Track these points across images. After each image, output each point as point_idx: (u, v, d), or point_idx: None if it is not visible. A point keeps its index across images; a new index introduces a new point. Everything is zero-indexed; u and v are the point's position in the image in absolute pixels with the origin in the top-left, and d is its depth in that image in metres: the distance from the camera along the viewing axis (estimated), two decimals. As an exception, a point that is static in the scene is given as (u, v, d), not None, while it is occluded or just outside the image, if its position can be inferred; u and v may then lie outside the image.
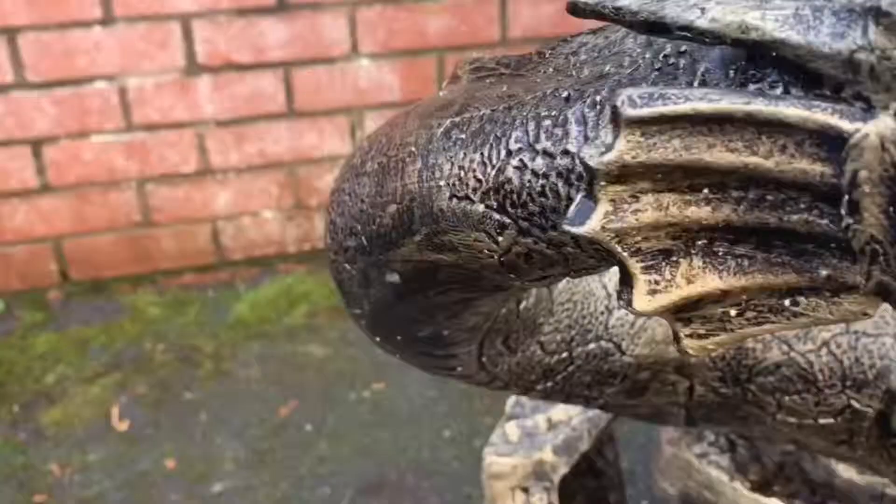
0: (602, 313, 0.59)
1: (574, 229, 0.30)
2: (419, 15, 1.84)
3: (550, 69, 0.39)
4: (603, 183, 0.29)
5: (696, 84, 0.31)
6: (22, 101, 1.70)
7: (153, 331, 1.75)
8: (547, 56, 0.40)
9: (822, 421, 0.61)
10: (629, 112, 0.28)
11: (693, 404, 0.63)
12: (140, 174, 1.82)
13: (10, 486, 1.39)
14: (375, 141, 0.48)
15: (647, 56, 0.34)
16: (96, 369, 1.64)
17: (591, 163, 0.29)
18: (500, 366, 0.59)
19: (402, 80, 1.88)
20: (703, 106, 0.28)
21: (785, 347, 0.60)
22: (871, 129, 0.26)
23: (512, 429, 0.89)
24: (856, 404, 0.60)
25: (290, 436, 1.48)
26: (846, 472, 0.81)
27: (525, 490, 0.86)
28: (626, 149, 0.28)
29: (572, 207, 0.31)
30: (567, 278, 0.48)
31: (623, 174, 0.29)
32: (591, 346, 0.60)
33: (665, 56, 0.33)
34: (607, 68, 0.35)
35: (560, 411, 0.89)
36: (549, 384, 0.62)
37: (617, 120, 0.28)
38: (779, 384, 0.60)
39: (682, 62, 0.32)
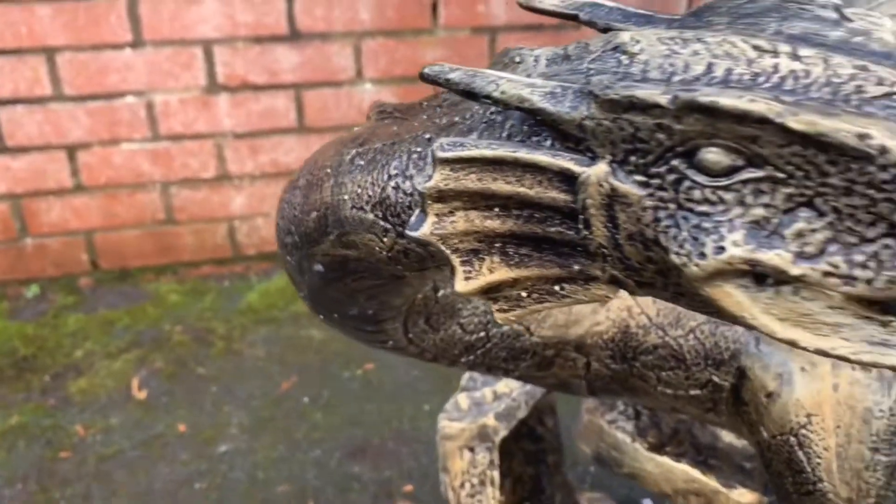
0: None
1: (411, 233, 0.41)
2: (417, 47, 1.96)
3: (425, 116, 0.50)
4: (429, 202, 0.40)
5: (504, 135, 0.41)
6: (59, 112, 1.83)
7: (172, 314, 1.87)
8: (424, 106, 0.52)
9: (691, 392, 0.71)
10: (439, 154, 0.39)
11: (591, 377, 0.73)
12: (164, 178, 1.94)
13: (39, 445, 1.50)
14: (307, 163, 0.60)
15: (480, 112, 0.44)
16: (120, 346, 1.76)
17: (419, 188, 0.41)
18: (426, 341, 0.69)
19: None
20: (487, 152, 0.39)
21: (661, 332, 0.70)
22: (592, 172, 0.37)
23: (463, 399, 0.99)
24: (716, 379, 0.70)
25: (289, 406, 1.58)
26: (727, 436, 0.90)
27: (471, 449, 0.96)
28: (439, 179, 0.39)
29: (412, 218, 0.42)
30: None
31: (441, 196, 0.40)
32: (505, 327, 0.69)
33: (490, 113, 0.43)
34: (456, 118, 0.46)
35: (504, 385, 0.99)
36: (472, 357, 0.71)
37: (434, 160, 0.39)
38: (657, 362, 0.70)
39: (498, 118, 0.42)
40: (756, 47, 0.35)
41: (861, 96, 0.33)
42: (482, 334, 0.70)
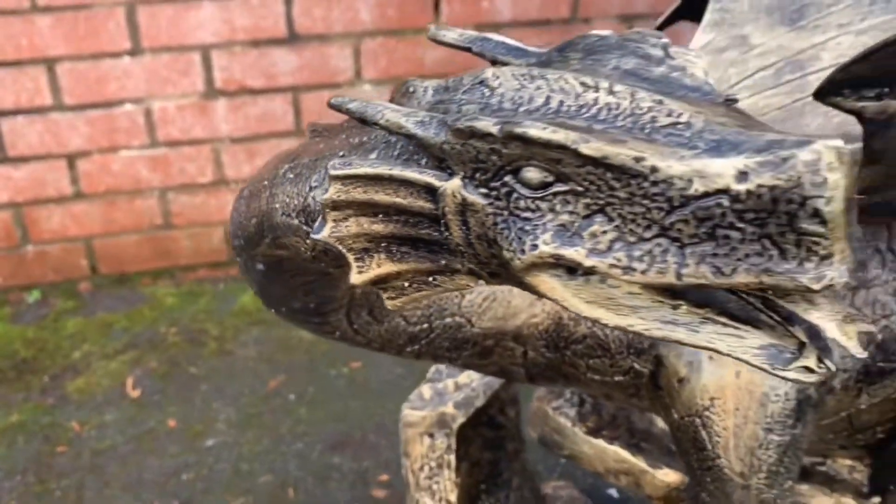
0: (456, 297, 0.75)
1: (314, 236, 0.50)
2: (417, 46, 2.00)
3: (344, 135, 0.58)
4: (327, 210, 0.49)
5: (396, 153, 0.50)
6: (59, 121, 1.89)
7: (168, 317, 1.92)
8: (345, 127, 0.59)
9: (616, 378, 0.76)
10: (332, 172, 0.48)
11: (528, 365, 0.78)
12: (162, 184, 2.00)
13: (38, 440, 1.55)
14: (252, 175, 0.68)
15: (381, 134, 0.51)
16: (116, 347, 1.80)
17: (318, 199, 0.51)
18: (371, 332, 0.75)
19: (393, 105, 2.04)
20: (369, 170, 0.47)
21: (589, 323, 0.75)
22: (448, 185, 0.45)
23: (426, 389, 1.04)
24: (637, 366, 0.75)
25: (276, 403, 1.62)
26: (661, 422, 0.94)
27: (430, 435, 1.00)
28: (333, 192, 0.48)
29: (316, 224, 0.51)
30: None
31: (336, 206, 0.48)
32: (448, 319, 0.75)
33: (388, 135, 0.51)
34: (364, 139, 0.53)
35: (465, 377, 1.03)
36: (416, 347, 0.77)
37: (329, 176, 0.48)
38: (585, 350, 0.75)
39: (393, 139, 0.50)
40: (583, 83, 0.43)
41: (653, 125, 0.41)
42: (425, 325, 0.76)
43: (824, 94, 0.53)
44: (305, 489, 1.39)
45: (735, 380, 0.69)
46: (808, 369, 0.40)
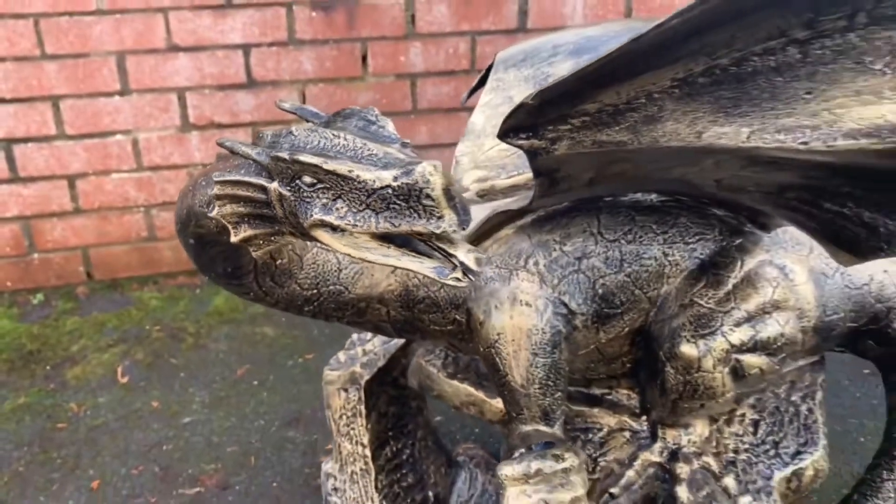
0: (335, 270, 1.03)
1: (210, 214, 0.89)
2: (352, 91, 2.32)
3: (229, 160, 0.92)
4: (214, 199, 0.87)
5: (249, 170, 0.86)
6: (62, 148, 2.20)
7: (152, 317, 2.22)
8: (228, 155, 0.90)
9: (448, 328, 1.06)
10: (214, 177, 0.89)
11: (392, 321, 1.07)
12: (147, 202, 2.31)
13: (41, 418, 1.85)
14: (186, 184, 1.00)
15: (242, 160, 0.87)
16: (108, 342, 2.11)
17: (210, 194, 0.90)
18: (276, 295, 1.03)
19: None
20: (230, 177, 0.86)
21: (426, 288, 1.04)
22: (272, 185, 0.82)
23: (342, 355, 1.34)
24: (458, 317, 1.05)
25: (242, 388, 1.93)
26: None
27: (345, 390, 1.30)
28: (216, 189, 0.88)
29: (209, 206, 0.90)
30: (318, 250, 0.98)
31: (218, 197, 0.87)
32: (331, 287, 1.03)
33: (244, 160, 0.87)
34: (236, 162, 0.90)
35: (371, 344, 1.34)
36: (311, 308, 1.05)
37: (213, 180, 0.85)
38: (426, 308, 1.05)
39: (248, 162, 0.87)
40: (334, 134, 0.79)
41: (362, 155, 0.78)
42: (314, 291, 1.04)
43: (501, 136, 0.87)
44: (265, 457, 1.70)
45: (510, 321, 1.01)
46: (457, 279, 0.75)
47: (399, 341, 1.34)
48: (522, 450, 1.02)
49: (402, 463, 1.38)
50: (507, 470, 1.00)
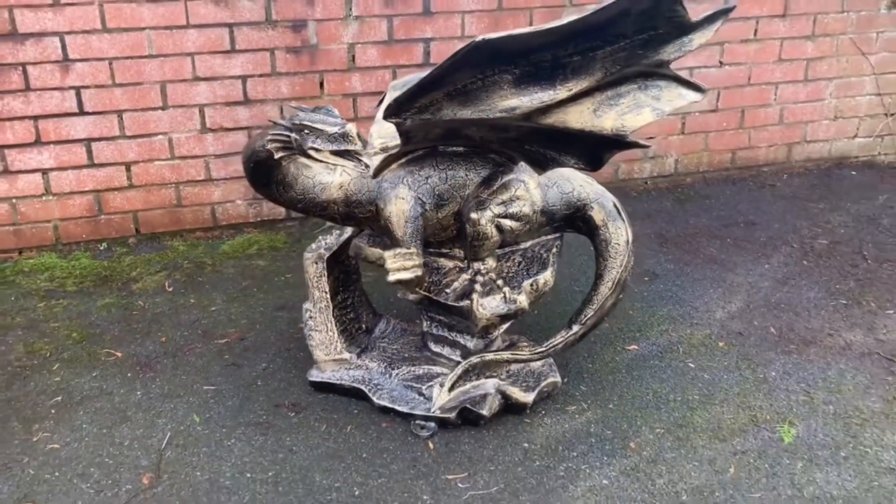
0: (311, 186, 2.10)
1: (267, 147, 1.97)
2: (314, 105, 3.43)
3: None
4: (266, 138, 1.96)
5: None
6: (122, 144, 3.26)
7: (182, 255, 3.28)
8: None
9: (367, 215, 2.14)
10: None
11: (340, 214, 2.11)
12: (177, 181, 3.37)
13: (122, 309, 2.89)
14: (246, 143, 2.10)
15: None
16: (155, 270, 3.15)
17: (265, 140, 1.96)
18: (284, 197, 2.12)
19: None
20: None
21: (356, 195, 2.11)
22: (293, 135, 1.97)
23: (314, 245, 2.41)
24: (372, 208, 2.11)
25: (247, 293, 2.99)
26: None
27: (316, 263, 2.38)
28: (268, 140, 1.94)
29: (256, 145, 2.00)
30: (304, 176, 2.09)
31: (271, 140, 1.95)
32: (310, 195, 2.08)
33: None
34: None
35: (328, 241, 2.43)
36: (300, 206, 2.12)
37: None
38: (356, 206, 2.09)
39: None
40: (314, 113, 1.92)
41: (324, 120, 1.93)
42: (302, 196, 2.11)
43: (385, 117, 1.90)
44: (265, 324, 2.77)
45: (395, 207, 2.04)
46: (365, 171, 2.00)
47: (344, 237, 2.43)
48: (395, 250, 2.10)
49: (347, 305, 2.46)
50: (387, 253, 2.06)
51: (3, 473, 2.05)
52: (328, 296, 2.36)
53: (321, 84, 3.39)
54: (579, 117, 1.82)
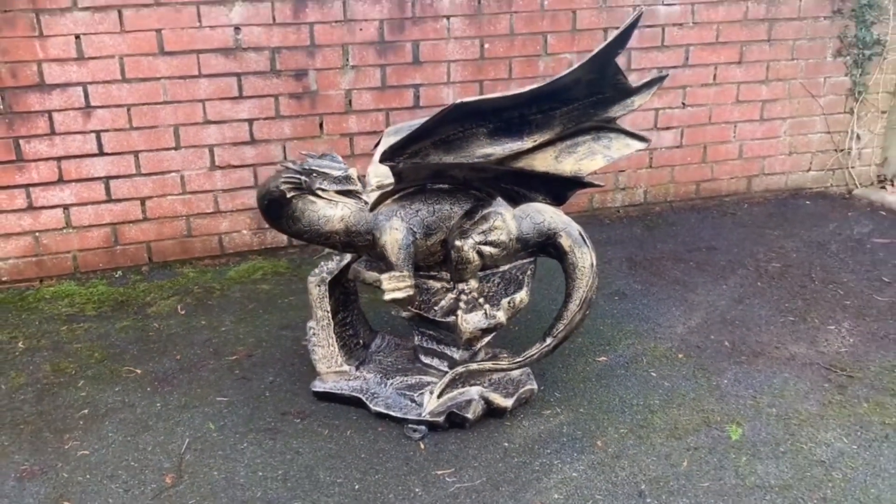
0: (316, 219, 2.37)
1: (280, 188, 2.25)
2: (314, 145, 3.71)
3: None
4: (279, 183, 2.24)
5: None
6: (139, 181, 3.53)
7: (192, 281, 3.53)
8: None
9: (365, 244, 2.39)
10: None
11: (341, 243, 2.40)
12: (187, 213, 3.64)
13: (139, 331, 3.15)
14: (262, 182, 2.41)
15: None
16: (167, 295, 3.40)
17: (277, 183, 2.26)
18: (292, 229, 2.39)
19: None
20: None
21: (355, 226, 2.42)
22: (303, 177, 2.29)
23: (316, 270, 2.68)
24: (369, 237, 2.38)
25: (254, 314, 3.25)
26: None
27: (318, 285, 2.65)
28: (281, 182, 2.22)
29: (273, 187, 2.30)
30: (310, 210, 2.37)
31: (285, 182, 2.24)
32: (314, 227, 2.35)
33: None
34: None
35: (331, 264, 2.70)
36: (306, 237, 2.39)
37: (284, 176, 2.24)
38: (355, 235, 2.40)
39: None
40: (321, 159, 2.26)
41: (329, 165, 2.27)
42: (308, 229, 2.38)
43: (381, 162, 2.19)
44: (271, 342, 3.03)
45: (390, 237, 2.33)
46: (364, 207, 2.30)
47: (344, 262, 2.70)
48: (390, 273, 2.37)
49: (347, 323, 2.73)
50: (383, 276, 2.34)
51: (40, 477, 2.28)
52: (330, 315, 2.62)
53: (321, 125, 3.69)
54: (544, 162, 2.11)
